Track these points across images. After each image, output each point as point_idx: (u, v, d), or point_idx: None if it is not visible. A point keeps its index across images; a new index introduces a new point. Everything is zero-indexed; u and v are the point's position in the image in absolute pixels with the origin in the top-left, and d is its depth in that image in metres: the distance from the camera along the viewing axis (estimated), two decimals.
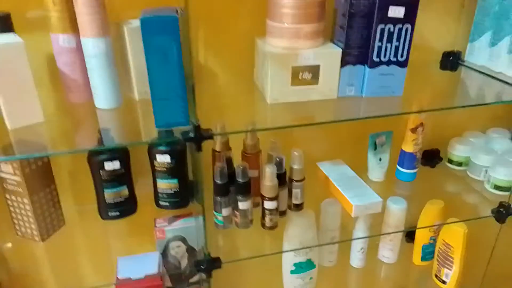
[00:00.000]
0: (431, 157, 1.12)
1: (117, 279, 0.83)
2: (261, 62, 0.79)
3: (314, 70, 0.75)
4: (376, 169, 1.03)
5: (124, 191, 0.85)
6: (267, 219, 0.85)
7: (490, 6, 0.90)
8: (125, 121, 0.77)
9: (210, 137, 0.64)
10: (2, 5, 0.71)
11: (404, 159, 1.02)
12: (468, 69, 0.95)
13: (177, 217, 0.96)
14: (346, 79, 0.77)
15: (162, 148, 0.84)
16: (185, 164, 0.88)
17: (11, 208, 0.81)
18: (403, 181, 1.05)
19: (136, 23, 0.73)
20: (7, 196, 0.79)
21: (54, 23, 0.69)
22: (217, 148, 0.84)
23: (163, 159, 0.85)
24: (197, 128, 0.63)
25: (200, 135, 0.63)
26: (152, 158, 0.86)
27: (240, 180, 0.81)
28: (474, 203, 1.04)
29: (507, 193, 0.98)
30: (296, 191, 0.87)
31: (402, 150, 1.02)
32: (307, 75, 0.75)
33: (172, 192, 0.89)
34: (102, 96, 0.73)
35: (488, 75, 0.91)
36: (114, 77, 0.72)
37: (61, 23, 0.69)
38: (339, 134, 1.04)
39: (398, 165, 1.04)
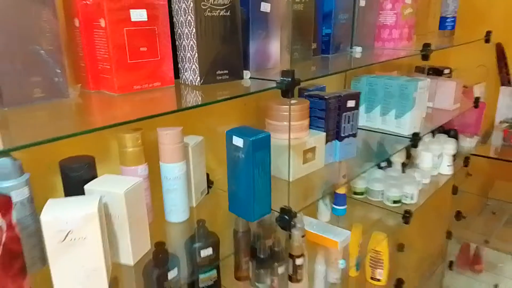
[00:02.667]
0: None
1: None
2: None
3: (313, 150, 1.03)
4: (325, 212, 1.36)
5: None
6: (298, 273, 1.04)
7: (361, 88, 1.40)
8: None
9: (295, 215, 0.83)
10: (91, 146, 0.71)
11: (339, 199, 1.39)
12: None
13: None
14: (328, 151, 1.08)
15: (204, 243, 0.93)
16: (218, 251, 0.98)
17: None
18: (339, 215, 1.41)
19: (192, 140, 0.84)
20: None
21: (132, 157, 0.74)
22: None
23: (206, 253, 0.94)
24: (289, 211, 0.81)
25: (290, 217, 0.81)
26: (194, 255, 0.93)
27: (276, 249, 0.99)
28: (384, 216, 1.49)
29: (399, 204, 1.47)
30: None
31: (336, 193, 1.38)
32: (310, 155, 1.02)
33: (212, 282, 0.97)
34: (179, 212, 0.80)
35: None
36: (188, 193, 0.81)
37: (140, 155, 0.75)
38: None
39: (335, 204, 1.40)
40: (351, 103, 1.09)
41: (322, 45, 1.12)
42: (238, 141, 0.76)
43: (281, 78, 0.71)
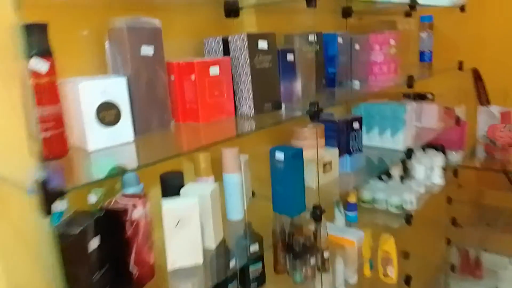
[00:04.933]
0: None
1: None
2: None
3: (330, 163, 1.31)
4: (340, 219, 1.62)
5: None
6: (326, 263, 1.30)
7: (360, 113, 1.70)
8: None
9: (324, 211, 1.09)
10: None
11: (351, 207, 1.65)
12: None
13: None
14: (341, 164, 1.36)
15: (252, 240, 1.19)
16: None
17: None
18: (352, 222, 1.67)
19: (242, 158, 1.12)
20: None
21: (204, 170, 1.01)
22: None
23: (254, 248, 1.19)
24: (319, 207, 1.08)
25: (321, 211, 1.08)
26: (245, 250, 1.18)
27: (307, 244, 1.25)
28: (388, 220, 1.75)
29: (401, 209, 1.73)
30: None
31: (348, 202, 1.65)
32: (328, 167, 1.30)
33: (258, 274, 1.22)
34: (236, 211, 1.07)
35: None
36: (242, 197, 1.08)
37: (209, 169, 1.02)
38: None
39: (347, 211, 1.66)
40: (355, 125, 1.38)
41: (328, 81, 1.43)
42: (280, 155, 1.04)
43: (309, 108, 1.00)
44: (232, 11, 1.10)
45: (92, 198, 0.79)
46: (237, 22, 1.14)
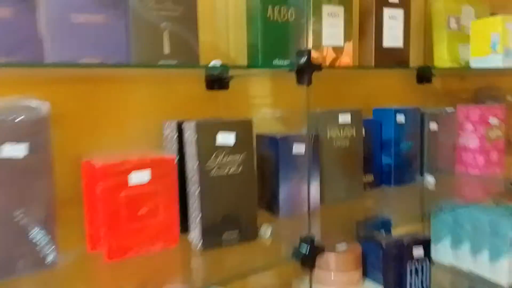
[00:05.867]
0: None
1: None
2: None
3: None
4: None
5: None
6: None
7: (444, 218, 1.17)
8: None
9: None
10: None
11: None
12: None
13: None
14: None
15: None
16: None
17: None
18: None
19: None
20: None
21: None
22: None
23: None
24: None
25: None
26: None
27: None
28: None
29: None
30: None
31: None
32: None
33: None
34: None
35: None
36: None
37: None
38: None
39: None
40: (418, 251, 0.89)
41: (381, 176, 0.98)
42: None
43: (299, 245, 0.59)
44: (215, 82, 0.77)
45: None
46: (224, 96, 0.80)
